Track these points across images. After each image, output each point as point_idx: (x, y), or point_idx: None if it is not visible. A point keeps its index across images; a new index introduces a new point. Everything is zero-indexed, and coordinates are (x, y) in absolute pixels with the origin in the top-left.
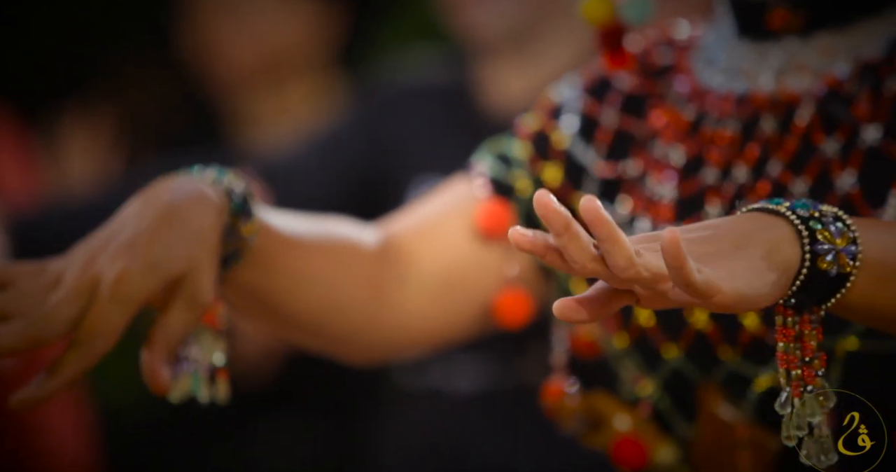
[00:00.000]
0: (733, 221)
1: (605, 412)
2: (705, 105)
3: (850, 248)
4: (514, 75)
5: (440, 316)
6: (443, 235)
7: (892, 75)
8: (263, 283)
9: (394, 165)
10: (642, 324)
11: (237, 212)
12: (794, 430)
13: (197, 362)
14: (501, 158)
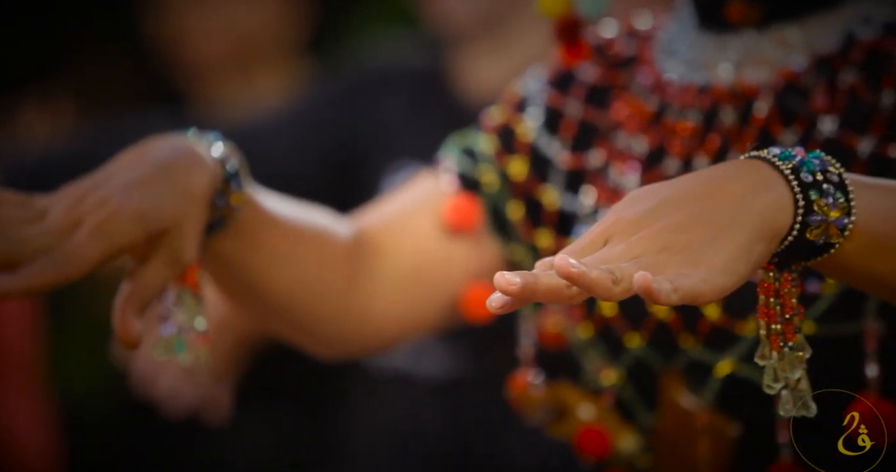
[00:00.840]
0: (728, 177)
1: (570, 402)
2: (667, 96)
3: (842, 219)
4: (488, 62)
5: (408, 309)
6: (411, 230)
7: (846, 68)
8: (243, 257)
9: (369, 147)
10: (605, 314)
11: (228, 179)
12: (771, 382)
13: (180, 325)
14: (467, 152)
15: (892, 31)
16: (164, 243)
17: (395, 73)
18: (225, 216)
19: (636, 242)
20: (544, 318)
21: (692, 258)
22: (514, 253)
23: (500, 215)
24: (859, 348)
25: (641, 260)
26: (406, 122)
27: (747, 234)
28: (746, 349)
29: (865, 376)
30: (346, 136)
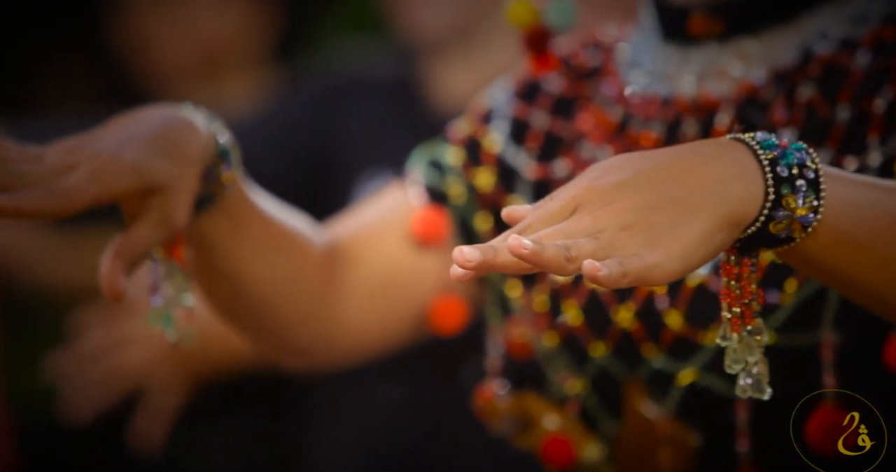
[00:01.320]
0: (707, 158)
1: (535, 413)
2: (631, 107)
3: (807, 217)
4: (460, 71)
5: (377, 319)
6: (380, 241)
7: (804, 82)
8: (227, 241)
9: (340, 154)
10: (570, 323)
11: (221, 155)
12: (731, 363)
13: (168, 299)
14: (434, 164)
15: (848, 46)
16: (156, 202)
17: (366, 81)
18: (214, 193)
19: (603, 215)
20: (511, 328)
21: (652, 239)
22: None
23: (468, 227)
24: (816, 359)
25: (601, 236)
26: (377, 130)
27: (713, 221)
28: (708, 359)
29: (823, 386)
30: (317, 142)
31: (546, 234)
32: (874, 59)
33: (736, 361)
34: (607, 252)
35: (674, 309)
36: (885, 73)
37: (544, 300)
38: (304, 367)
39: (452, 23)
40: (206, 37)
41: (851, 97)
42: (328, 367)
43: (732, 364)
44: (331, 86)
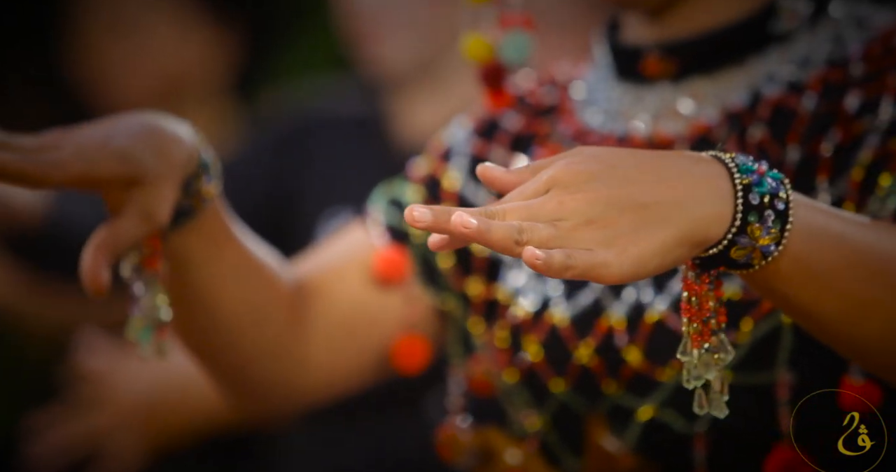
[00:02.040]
0: (685, 172)
1: (496, 447)
2: (588, 144)
3: (769, 247)
4: (424, 105)
5: (340, 360)
6: (342, 281)
7: (754, 123)
8: (202, 262)
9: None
10: (531, 359)
11: (202, 168)
12: (688, 379)
13: (147, 311)
14: (394, 203)
15: (795, 88)
16: (138, 196)
17: (329, 117)
18: (194, 206)
19: (570, 202)
20: (473, 366)
21: (610, 239)
22: (445, 303)
23: (430, 265)
24: (772, 398)
25: (561, 225)
26: (341, 167)
27: (674, 236)
28: (667, 395)
29: (779, 425)
30: (281, 183)
31: (512, 207)
32: (820, 102)
33: (696, 377)
34: (561, 242)
35: (633, 345)
36: (831, 116)
37: (505, 337)
38: (263, 413)
39: (414, 57)
40: (166, 68)
41: (800, 139)
42: (287, 411)
43: (691, 380)
44: (293, 125)
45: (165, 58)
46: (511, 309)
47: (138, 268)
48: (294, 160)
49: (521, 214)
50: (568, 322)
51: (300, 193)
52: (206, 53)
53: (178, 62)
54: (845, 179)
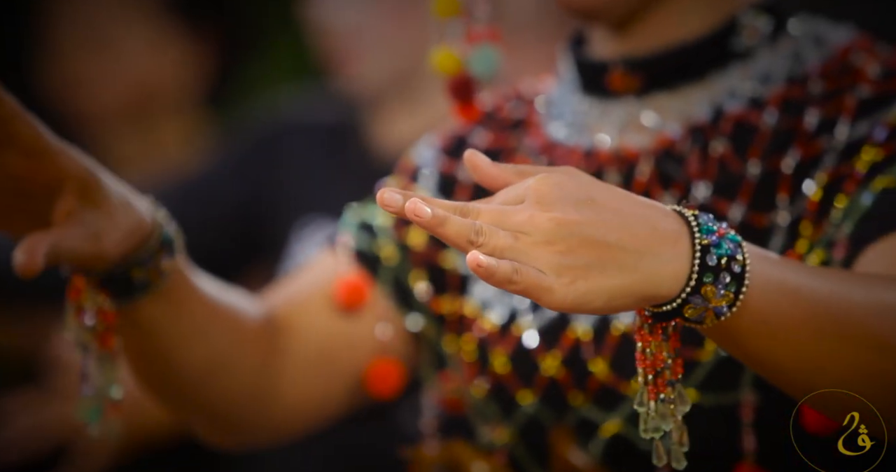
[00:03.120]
0: (651, 224)
1: (464, 460)
2: (555, 158)
3: (722, 308)
4: (398, 118)
5: (317, 388)
6: (313, 310)
7: (716, 138)
8: (164, 325)
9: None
10: (498, 371)
11: (164, 244)
12: (650, 431)
13: (97, 389)
14: (364, 226)
15: (756, 104)
16: (91, 218)
17: (303, 126)
18: (151, 281)
19: (539, 218)
20: (444, 384)
21: (564, 267)
22: (418, 324)
23: (403, 287)
24: (736, 418)
25: (521, 239)
26: (314, 176)
27: (625, 285)
28: (632, 410)
29: (742, 445)
30: (253, 192)
31: (486, 209)
32: (780, 119)
33: (653, 429)
34: (516, 255)
35: (599, 357)
36: (791, 133)
37: (472, 350)
38: (235, 446)
39: (390, 74)
40: (140, 80)
41: (761, 154)
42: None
43: (649, 431)
44: (266, 134)
45: (139, 70)
46: (478, 322)
47: (89, 346)
48: (266, 168)
49: (494, 217)
50: (535, 334)
51: (273, 202)
52: (179, 65)
53: (151, 74)
54: (803, 198)
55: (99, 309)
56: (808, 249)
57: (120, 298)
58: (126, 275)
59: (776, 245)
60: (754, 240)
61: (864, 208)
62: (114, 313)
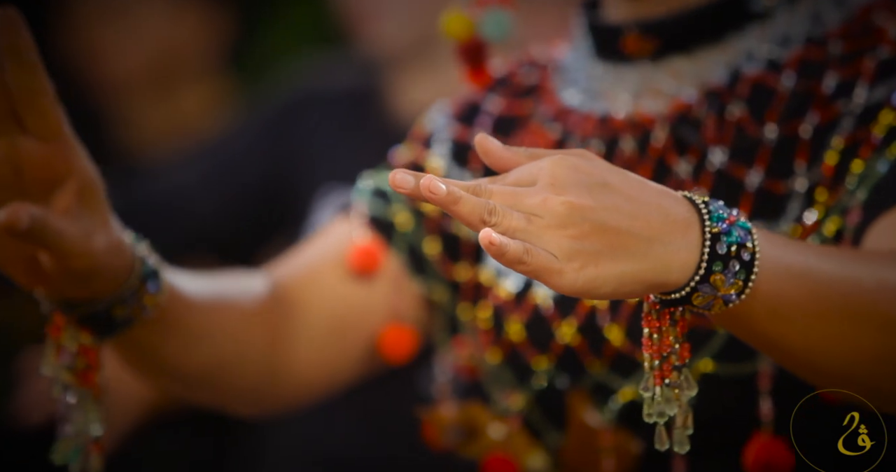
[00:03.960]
0: (663, 213)
1: (480, 422)
2: (569, 124)
3: (730, 296)
4: (421, 81)
5: (332, 358)
6: (324, 282)
7: (733, 101)
8: (158, 343)
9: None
10: (513, 339)
11: (146, 278)
12: (654, 416)
13: (77, 429)
14: (378, 193)
15: (774, 66)
16: (87, 218)
17: (325, 93)
18: (134, 317)
19: (552, 201)
20: (459, 350)
21: (575, 252)
22: (433, 291)
23: (417, 254)
24: (753, 387)
25: (535, 221)
26: (336, 143)
27: (634, 271)
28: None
29: (759, 414)
30: (278, 180)
31: (499, 190)
32: (798, 80)
33: (658, 413)
34: (527, 236)
35: (615, 324)
36: (809, 96)
37: (487, 317)
38: (250, 416)
39: (411, 36)
40: (158, 46)
41: (779, 118)
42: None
43: (653, 415)
44: (288, 103)
45: (157, 37)
46: (493, 290)
47: (69, 386)
48: (289, 138)
49: (506, 199)
50: (550, 302)
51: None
52: (197, 32)
53: (170, 41)
54: (820, 163)
55: (80, 347)
56: (823, 215)
57: (102, 334)
58: (108, 313)
59: (793, 211)
60: (771, 206)
61: (879, 175)
62: (96, 350)
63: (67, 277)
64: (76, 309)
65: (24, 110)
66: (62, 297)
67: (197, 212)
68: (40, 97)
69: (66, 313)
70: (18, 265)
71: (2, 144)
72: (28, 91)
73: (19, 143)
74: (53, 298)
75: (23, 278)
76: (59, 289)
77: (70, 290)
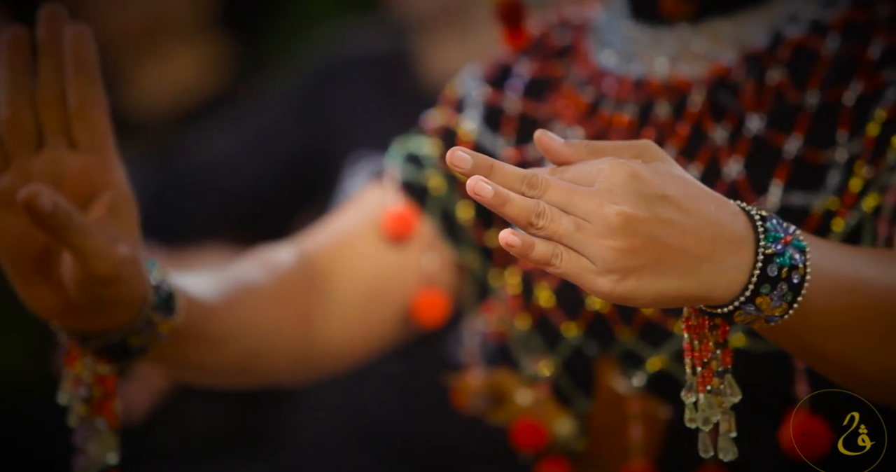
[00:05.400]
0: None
1: (508, 389)
2: (603, 87)
3: (773, 317)
4: (452, 46)
5: (367, 329)
6: (359, 249)
7: (774, 66)
8: (185, 353)
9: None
10: (543, 305)
11: (160, 305)
12: (699, 422)
13: (92, 459)
14: (411, 158)
15: (818, 29)
16: (117, 229)
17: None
18: (149, 345)
19: (607, 210)
20: (488, 316)
21: (618, 265)
22: (466, 257)
23: (450, 219)
24: (789, 364)
25: (584, 228)
26: (368, 109)
27: (678, 289)
28: (679, 347)
29: (794, 392)
30: (312, 150)
31: (556, 185)
32: (843, 44)
33: (703, 420)
34: (573, 244)
35: None
36: (854, 61)
37: (517, 283)
38: (304, 384)
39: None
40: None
41: (821, 84)
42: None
43: (698, 421)
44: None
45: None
46: None
47: (85, 417)
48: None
49: (561, 195)
50: None
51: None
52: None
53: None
54: (862, 134)
55: (96, 377)
56: (861, 188)
57: (119, 363)
58: (123, 344)
59: (832, 183)
60: (810, 177)
61: None
62: (113, 378)
63: (88, 285)
64: (90, 342)
65: (76, 122)
66: (76, 329)
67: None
68: (94, 109)
69: (80, 346)
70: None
71: (49, 155)
72: (85, 103)
73: (64, 155)
74: (67, 329)
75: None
76: (71, 317)
77: (84, 318)
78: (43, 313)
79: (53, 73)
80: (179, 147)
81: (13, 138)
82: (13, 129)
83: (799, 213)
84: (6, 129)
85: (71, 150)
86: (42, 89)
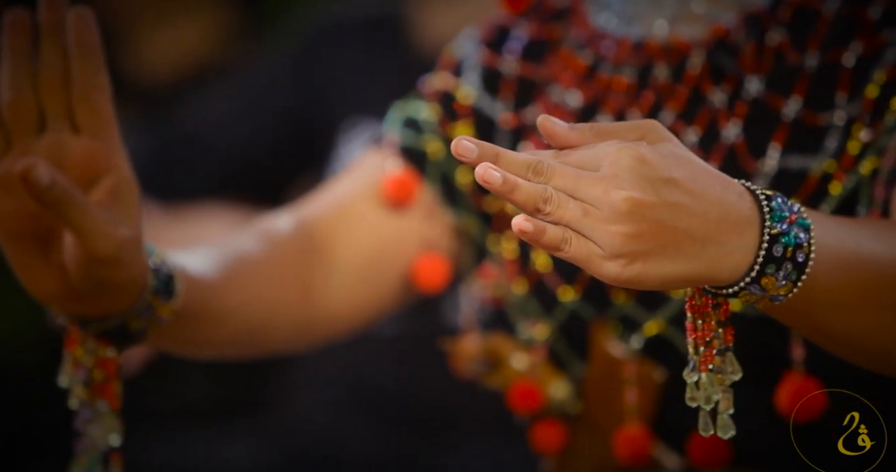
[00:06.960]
0: (725, 212)
1: (504, 353)
2: (601, 50)
3: (778, 296)
4: (449, 10)
5: (368, 296)
6: (358, 216)
7: (775, 27)
8: (188, 331)
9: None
10: (539, 269)
11: (157, 291)
12: (701, 401)
13: (94, 442)
14: (410, 123)
15: None
16: (118, 213)
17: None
18: (149, 329)
19: (614, 196)
20: (485, 280)
21: (625, 251)
22: (464, 222)
23: (449, 184)
24: (784, 329)
25: (592, 213)
26: (364, 74)
27: (685, 271)
28: (675, 311)
29: (790, 356)
30: (306, 116)
31: (562, 171)
32: (844, 4)
33: (705, 399)
34: (580, 229)
35: None
36: (854, 21)
37: (513, 247)
38: (306, 351)
39: None
40: None
41: (821, 45)
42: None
43: (699, 400)
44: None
45: None
46: None
47: (88, 401)
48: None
49: (567, 180)
50: None
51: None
52: None
53: None
54: (861, 97)
55: (97, 359)
56: (859, 151)
57: (120, 346)
58: (123, 327)
59: (830, 146)
60: (808, 139)
61: None
62: (115, 361)
63: (89, 266)
64: (90, 326)
65: (79, 106)
66: (76, 313)
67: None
68: (98, 94)
69: (81, 330)
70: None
71: (51, 139)
72: (88, 87)
73: (67, 139)
74: (68, 314)
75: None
76: (72, 302)
77: (84, 303)
78: (43, 298)
79: (56, 57)
80: (180, 112)
81: (15, 122)
82: (15, 112)
83: (796, 176)
84: (8, 112)
85: (73, 134)
86: (44, 73)
